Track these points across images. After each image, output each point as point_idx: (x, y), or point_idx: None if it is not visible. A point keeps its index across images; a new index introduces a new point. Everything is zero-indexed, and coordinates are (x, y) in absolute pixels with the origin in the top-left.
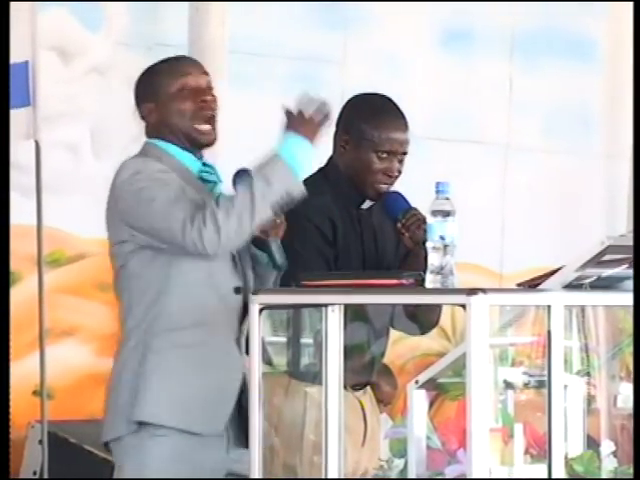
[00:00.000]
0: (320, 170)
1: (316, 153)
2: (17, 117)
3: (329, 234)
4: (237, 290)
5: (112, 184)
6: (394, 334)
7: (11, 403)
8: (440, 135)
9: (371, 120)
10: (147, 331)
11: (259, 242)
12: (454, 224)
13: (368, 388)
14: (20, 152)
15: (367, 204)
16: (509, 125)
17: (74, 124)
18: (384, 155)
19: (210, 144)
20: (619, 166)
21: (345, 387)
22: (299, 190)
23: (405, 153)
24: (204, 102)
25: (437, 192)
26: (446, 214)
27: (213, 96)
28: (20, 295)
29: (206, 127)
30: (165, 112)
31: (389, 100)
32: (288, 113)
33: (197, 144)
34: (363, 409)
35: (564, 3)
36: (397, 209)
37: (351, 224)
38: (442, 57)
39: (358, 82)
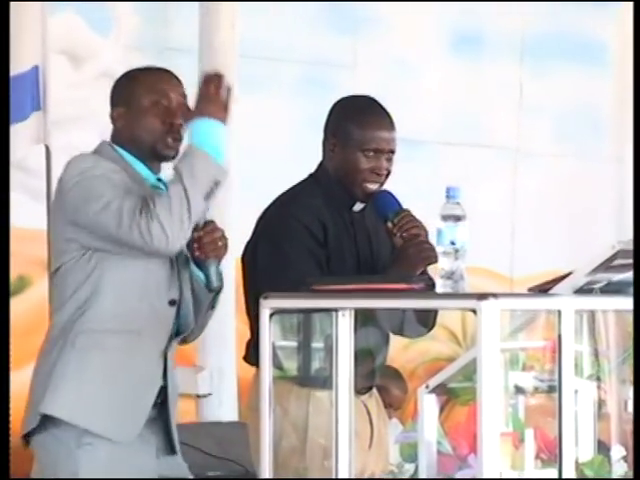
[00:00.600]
0: (311, 176)
1: (227, 130)
2: (27, 122)
3: (320, 235)
4: (172, 302)
5: (59, 180)
6: (405, 339)
7: (22, 408)
8: (450, 139)
9: (356, 120)
10: (72, 328)
11: (198, 262)
12: (464, 229)
13: (374, 392)
14: (31, 156)
15: (359, 206)
16: (519, 129)
17: (84, 128)
18: (371, 154)
19: (171, 159)
20: (629, 170)
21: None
22: (224, 175)
23: (392, 152)
24: (171, 125)
25: (447, 197)
26: (456, 219)
27: (183, 120)
28: (31, 299)
29: (170, 150)
30: (134, 122)
31: (374, 101)
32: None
33: (158, 157)
34: (369, 412)
35: (573, 6)
36: (387, 209)
37: (344, 226)
38: (451, 61)
39: (368, 85)
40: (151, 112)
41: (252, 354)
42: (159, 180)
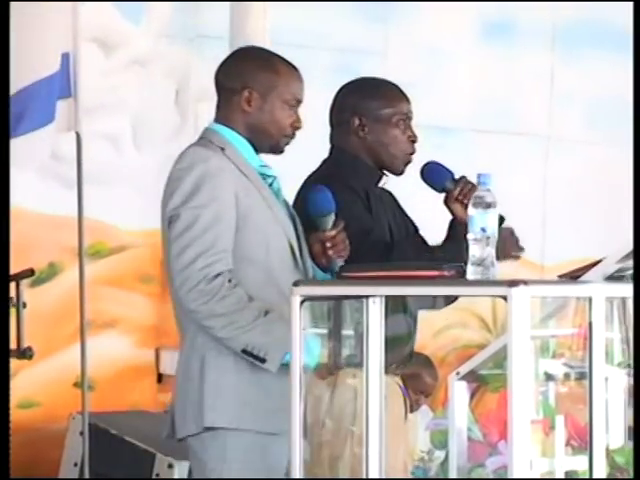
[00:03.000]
0: (330, 163)
1: None
2: (58, 109)
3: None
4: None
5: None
6: (435, 327)
7: (53, 395)
8: (481, 127)
9: (380, 96)
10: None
11: (327, 261)
12: (495, 215)
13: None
14: (61, 144)
15: (383, 181)
16: (550, 116)
17: (115, 116)
18: (402, 125)
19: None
20: None
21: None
22: (278, 356)
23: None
24: (296, 128)
25: (478, 183)
26: (487, 205)
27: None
28: (61, 286)
29: (285, 146)
30: (266, 114)
31: (381, 79)
32: None
33: (273, 150)
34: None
35: None
36: (443, 178)
37: (376, 204)
38: (483, 48)
39: (399, 74)
40: (286, 110)
41: None
42: (263, 165)
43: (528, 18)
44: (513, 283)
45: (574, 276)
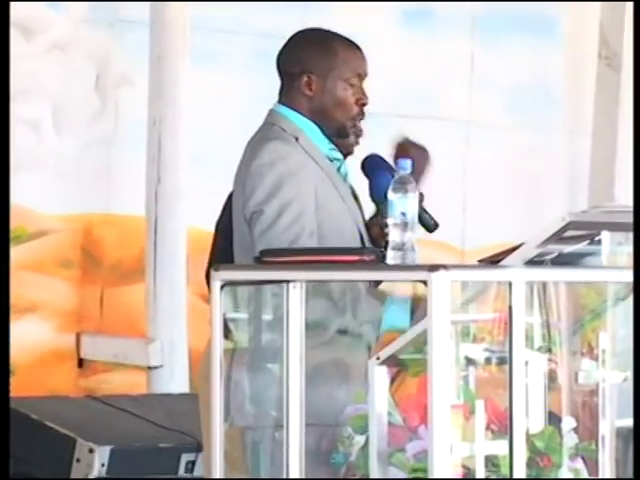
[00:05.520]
0: None
1: None
2: None
3: None
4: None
5: (247, 164)
6: None
7: None
8: (401, 112)
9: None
10: None
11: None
12: (415, 200)
13: None
14: None
15: None
16: (470, 102)
17: (36, 101)
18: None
19: (353, 137)
20: (581, 142)
21: None
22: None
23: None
24: (363, 105)
25: (398, 168)
26: (407, 190)
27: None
28: None
29: (355, 130)
30: (329, 97)
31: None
32: None
33: (341, 134)
34: None
35: None
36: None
37: None
38: (403, 34)
39: None
40: (348, 89)
41: None
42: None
43: (447, 4)
44: (433, 268)
45: (494, 261)
